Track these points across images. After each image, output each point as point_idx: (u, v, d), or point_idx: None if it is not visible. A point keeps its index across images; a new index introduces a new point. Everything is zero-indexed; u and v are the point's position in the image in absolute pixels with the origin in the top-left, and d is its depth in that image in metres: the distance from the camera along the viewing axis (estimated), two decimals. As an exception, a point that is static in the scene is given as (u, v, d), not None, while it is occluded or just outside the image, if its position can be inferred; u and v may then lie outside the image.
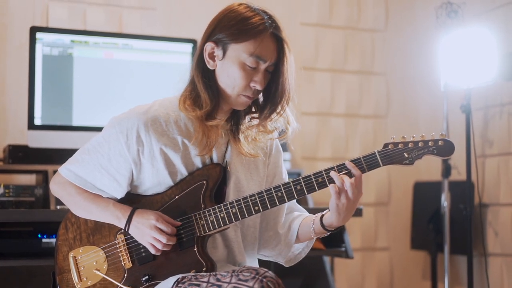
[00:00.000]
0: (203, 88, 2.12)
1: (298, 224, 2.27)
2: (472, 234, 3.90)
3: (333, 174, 2.05)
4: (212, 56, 2.13)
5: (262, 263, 2.34)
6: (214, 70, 2.14)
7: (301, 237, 2.27)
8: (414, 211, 4.67)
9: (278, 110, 2.16)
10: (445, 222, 4.10)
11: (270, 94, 2.16)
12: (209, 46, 2.12)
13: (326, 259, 3.73)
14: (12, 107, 3.83)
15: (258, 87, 2.11)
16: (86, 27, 4.01)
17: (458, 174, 4.25)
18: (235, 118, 2.21)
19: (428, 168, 4.71)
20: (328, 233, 2.19)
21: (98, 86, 3.45)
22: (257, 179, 2.26)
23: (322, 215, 2.17)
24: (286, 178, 2.34)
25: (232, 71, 2.10)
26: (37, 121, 3.34)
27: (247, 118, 2.22)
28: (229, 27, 2.09)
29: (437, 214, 4.28)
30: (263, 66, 2.10)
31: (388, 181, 4.82)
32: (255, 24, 2.08)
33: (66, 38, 3.41)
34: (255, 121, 2.20)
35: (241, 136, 2.19)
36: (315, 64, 4.67)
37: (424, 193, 4.60)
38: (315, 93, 4.65)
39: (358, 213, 3.38)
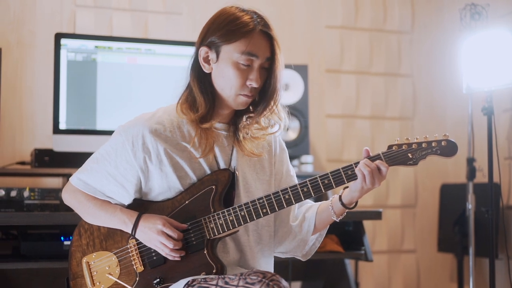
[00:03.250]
0: (199, 92, 2.17)
1: (315, 212, 2.29)
2: (498, 236, 3.86)
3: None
4: (207, 60, 2.18)
5: (279, 267, 2.36)
6: (210, 74, 2.19)
7: (318, 225, 2.30)
8: (441, 213, 4.63)
9: (270, 106, 2.20)
10: (470, 225, 4.06)
11: (263, 91, 2.20)
12: (203, 50, 2.18)
13: (348, 262, 3.74)
14: (39, 112, 3.91)
15: (254, 85, 2.15)
16: (112, 33, 4.07)
17: (483, 176, 4.21)
18: (235, 120, 2.26)
19: (456, 170, 4.68)
20: (345, 213, 2.23)
21: (122, 91, 3.51)
22: (264, 179, 2.29)
23: (340, 196, 2.20)
24: (294, 175, 2.38)
25: (227, 71, 2.14)
26: (62, 126, 3.41)
27: (244, 117, 2.26)
28: (219, 29, 2.14)
29: (463, 216, 4.25)
30: (256, 63, 2.14)
31: (415, 183, 4.79)
32: (244, 23, 2.13)
33: (90, 44, 3.48)
34: (250, 121, 2.25)
35: (241, 135, 2.24)
36: (341, 66, 4.67)
37: (451, 195, 4.57)
38: (340, 95, 4.66)
39: (378, 216, 3.38)
